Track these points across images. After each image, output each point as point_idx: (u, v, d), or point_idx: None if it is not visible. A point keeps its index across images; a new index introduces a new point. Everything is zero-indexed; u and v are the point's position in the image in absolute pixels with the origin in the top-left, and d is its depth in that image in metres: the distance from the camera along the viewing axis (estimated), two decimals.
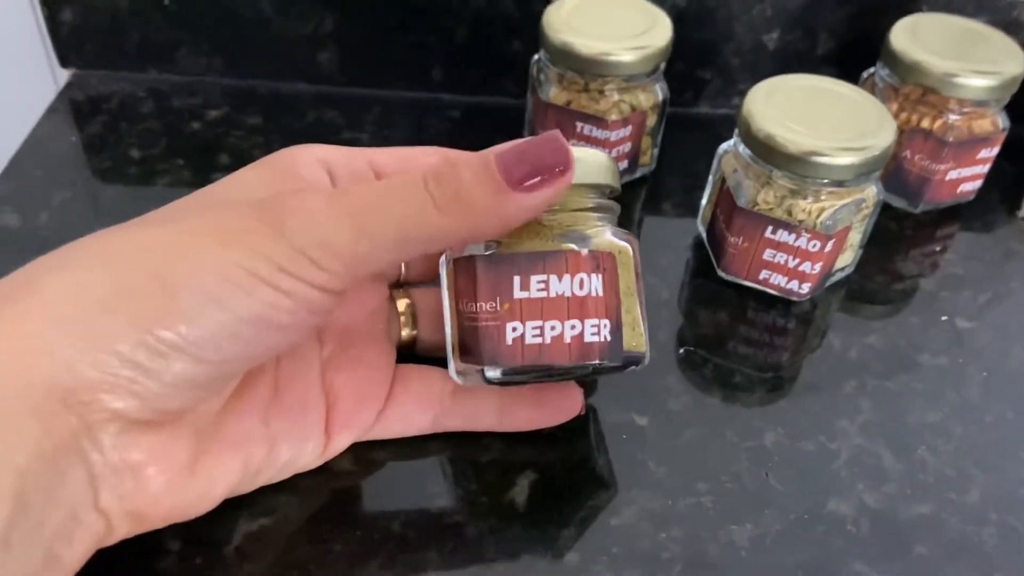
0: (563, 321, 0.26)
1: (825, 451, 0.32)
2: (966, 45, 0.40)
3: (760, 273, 0.37)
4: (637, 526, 0.29)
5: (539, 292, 0.25)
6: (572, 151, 0.24)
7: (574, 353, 0.26)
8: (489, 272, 0.26)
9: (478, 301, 0.26)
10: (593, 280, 0.26)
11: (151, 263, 0.22)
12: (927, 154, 0.40)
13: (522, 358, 0.26)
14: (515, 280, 0.26)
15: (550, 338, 0.26)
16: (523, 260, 0.26)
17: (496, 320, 0.26)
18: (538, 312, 0.26)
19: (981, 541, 0.30)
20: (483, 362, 0.26)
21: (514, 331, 0.26)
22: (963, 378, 0.35)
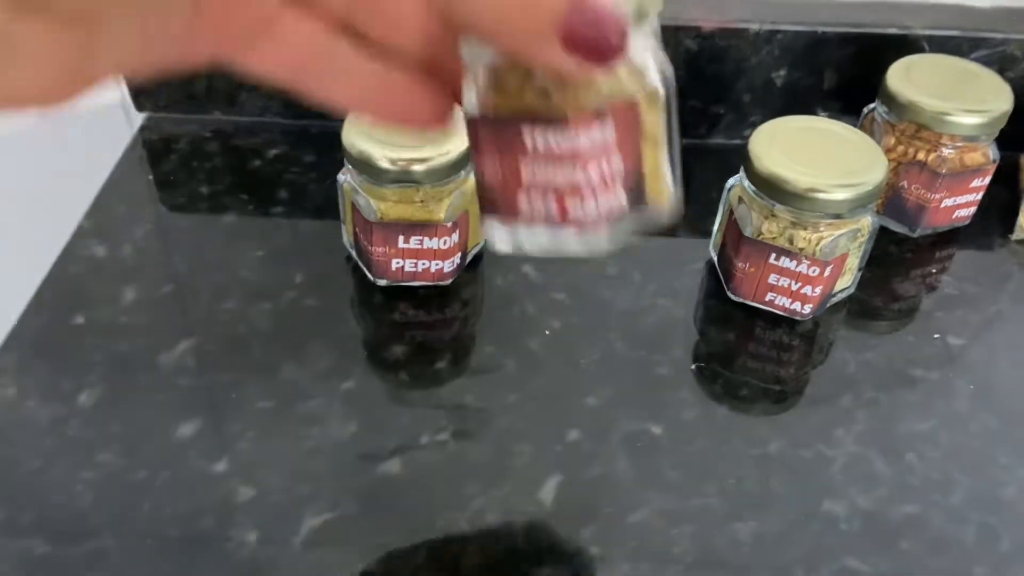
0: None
1: (822, 458, 0.36)
2: (957, 84, 0.43)
3: (766, 295, 0.41)
4: (652, 523, 0.33)
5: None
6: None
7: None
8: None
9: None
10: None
11: None
12: (922, 184, 0.44)
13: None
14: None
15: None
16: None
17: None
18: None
19: (962, 538, 0.33)
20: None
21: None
22: (952, 391, 0.39)
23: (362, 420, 0.36)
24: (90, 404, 0.36)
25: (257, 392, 0.37)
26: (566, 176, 0.23)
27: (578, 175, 0.23)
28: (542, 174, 0.23)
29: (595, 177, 0.23)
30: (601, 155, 0.23)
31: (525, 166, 0.24)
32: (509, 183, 0.24)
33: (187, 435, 0.35)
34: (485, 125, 0.24)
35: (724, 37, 0.48)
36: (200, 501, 0.33)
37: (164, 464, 0.34)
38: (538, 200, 0.24)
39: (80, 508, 0.33)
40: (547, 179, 0.23)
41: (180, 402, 0.36)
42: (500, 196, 0.24)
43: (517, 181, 0.24)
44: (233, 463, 0.34)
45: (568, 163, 0.23)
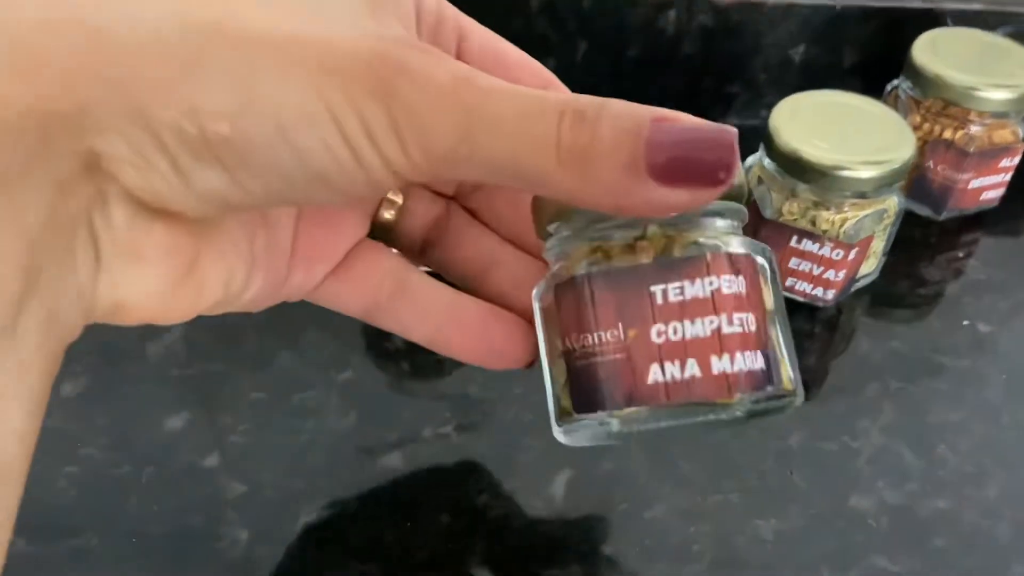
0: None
1: (847, 450, 0.34)
2: (986, 59, 0.41)
3: (786, 281, 0.39)
4: (668, 520, 0.31)
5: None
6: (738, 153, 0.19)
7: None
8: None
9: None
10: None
11: (235, 55, 0.17)
12: (949, 164, 0.42)
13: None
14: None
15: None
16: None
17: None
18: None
19: (996, 535, 0.31)
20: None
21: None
22: (983, 380, 0.37)
23: (361, 412, 0.34)
24: (74, 395, 0.34)
25: (250, 383, 0.35)
26: (708, 328, 0.20)
27: (722, 325, 0.20)
28: (677, 333, 0.20)
29: (738, 329, 0.20)
30: (740, 308, 0.20)
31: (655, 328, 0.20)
32: (636, 356, 0.20)
33: (176, 428, 0.33)
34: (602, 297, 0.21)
35: (739, 12, 0.46)
36: (189, 497, 0.31)
37: (151, 458, 0.32)
38: (674, 366, 0.20)
39: (63, 504, 0.31)
40: (683, 337, 0.20)
41: (169, 393, 0.34)
42: (624, 377, 0.20)
43: (647, 351, 0.20)
44: (224, 457, 0.32)
45: (709, 314, 0.20)
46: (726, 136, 0.18)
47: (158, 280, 0.20)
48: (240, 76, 0.17)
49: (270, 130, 0.18)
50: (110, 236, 0.18)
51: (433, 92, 0.18)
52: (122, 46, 0.17)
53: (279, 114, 0.17)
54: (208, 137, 0.17)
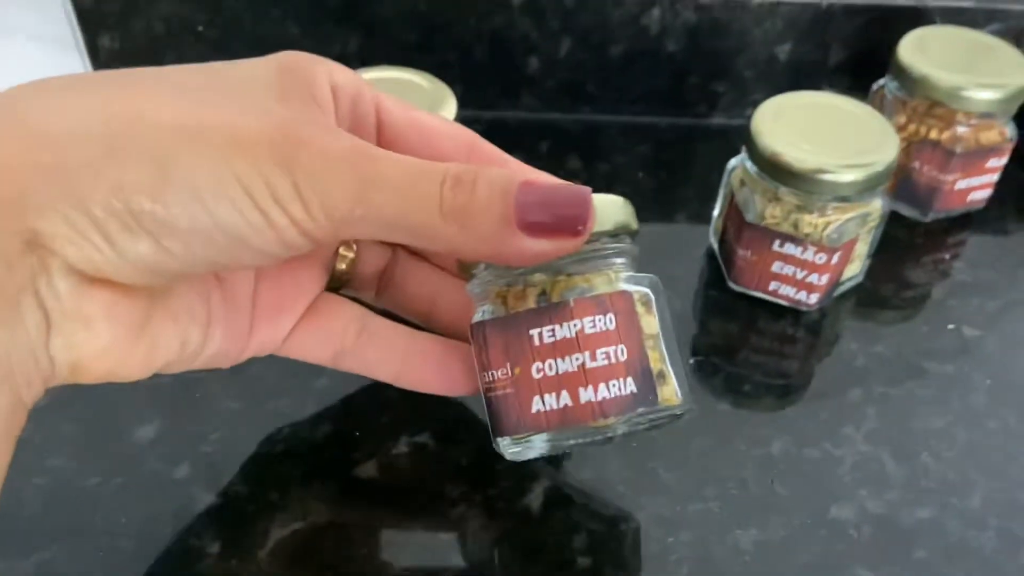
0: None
1: (830, 458, 0.33)
2: (973, 58, 0.41)
3: (769, 284, 0.38)
4: (646, 531, 0.31)
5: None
6: (593, 210, 0.22)
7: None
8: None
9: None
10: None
11: (153, 138, 0.20)
12: (935, 165, 0.41)
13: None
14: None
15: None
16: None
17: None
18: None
19: (980, 545, 0.31)
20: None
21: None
22: (968, 385, 0.36)
23: (336, 420, 0.34)
24: (42, 404, 0.33)
25: (223, 390, 0.34)
26: (575, 364, 0.24)
27: (586, 361, 0.24)
28: (552, 368, 0.24)
29: (603, 363, 0.24)
30: (606, 343, 0.24)
31: (535, 366, 0.25)
32: (521, 390, 0.25)
33: (146, 437, 0.33)
34: (492, 341, 0.25)
35: (724, 9, 0.45)
36: (158, 509, 0.30)
37: (120, 469, 0.32)
38: (551, 397, 0.24)
39: (29, 517, 0.30)
40: (557, 372, 0.24)
41: (139, 401, 0.34)
42: (513, 408, 0.25)
43: (529, 385, 0.25)
44: (195, 468, 0.32)
45: (575, 352, 0.24)
46: (582, 195, 0.22)
47: (109, 341, 0.22)
48: (158, 155, 0.20)
49: (187, 200, 0.20)
50: (57, 303, 0.21)
51: (331, 161, 0.21)
52: (54, 137, 0.20)
53: (195, 186, 0.20)
54: (134, 210, 0.20)
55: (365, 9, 0.46)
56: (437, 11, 0.46)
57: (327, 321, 0.29)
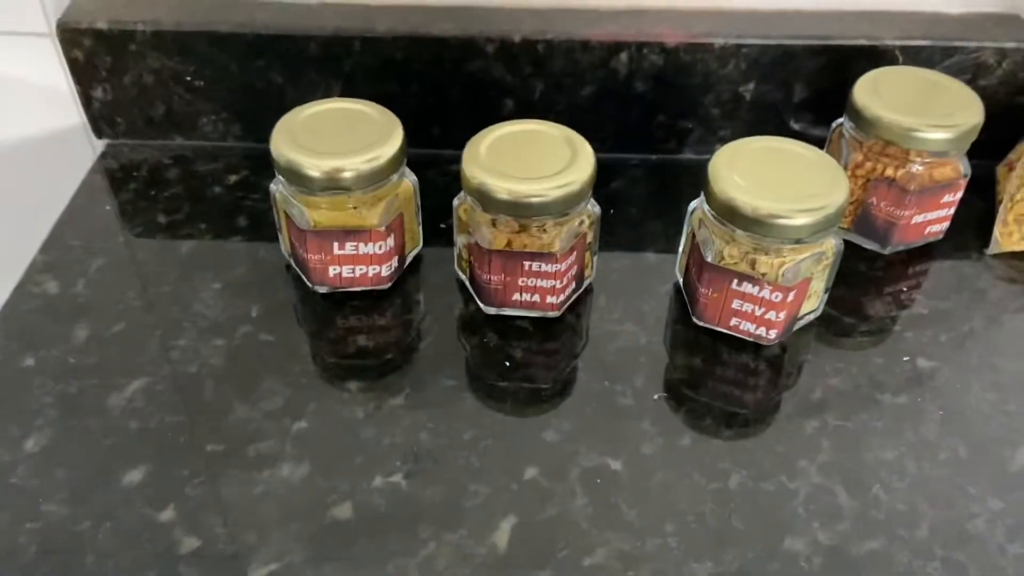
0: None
1: (784, 491, 0.35)
2: (926, 98, 0.42)
3: (731, 320, 0.40)
4: (609, 566, 0.33)
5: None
6: None
7: None
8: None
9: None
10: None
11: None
12: (891, 201, 0.43)
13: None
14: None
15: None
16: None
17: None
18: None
19: (927, 575, 0.33)
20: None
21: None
22: (921, 416, 0.38)
23: (314, 462, 0.35)
24: (37, 450, 0.36)
25: (207, 434, 0.36)
26: (551, 284, 0.39)
27: (557, 283, 0.39)
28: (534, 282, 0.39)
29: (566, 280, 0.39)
30: (569, 269, 0.39)
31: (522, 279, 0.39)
32: (510, 287, 0.40)
33: (134, 482, 0.34)
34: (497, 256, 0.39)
35: (689, 52, 0.47)
36: (143, 552, 0.32)
37: (109, 513, 0.33)
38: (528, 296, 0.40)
39: (24, 561, 0.32)
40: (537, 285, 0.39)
41: (128, 447, 0.36)
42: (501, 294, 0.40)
43: (516, 287, 0.39)
44: (179, 511, 0.34)
45: (553, 278, 0.39)
46: None
47: None
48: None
49: None
50: None
51: None
52: None
53: None
54: None
55: (345, 58, 0.48)
56: (414, 58, 0.48)
57: None
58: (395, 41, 0.47)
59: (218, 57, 0.48)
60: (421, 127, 0.50)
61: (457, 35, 0.47)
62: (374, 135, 0.40)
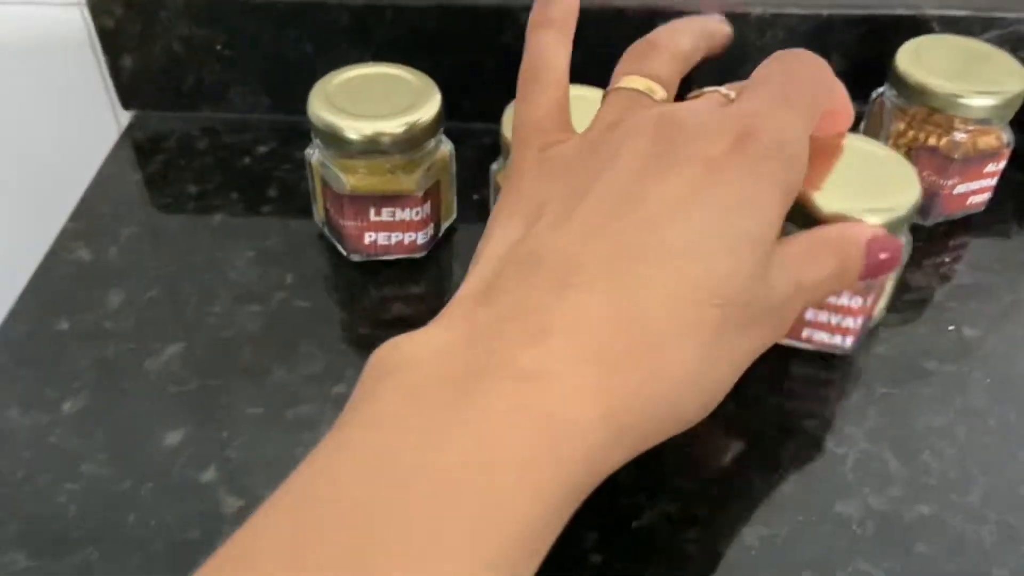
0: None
1: (833, 456, 0.34)
2: (969, 65, 0.42)
3: (803, 332, 0.38)
4: (657, 528, 0.32)
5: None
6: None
7: None
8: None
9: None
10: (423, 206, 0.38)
11: None
12: (934, 170, 0.42)
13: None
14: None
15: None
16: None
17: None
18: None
19: (980, 539, 0.32)
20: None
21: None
22: (968, 384, 0.37)
23: None
24: (74, 412, 0.35)
25: (246, 397, 0.36)
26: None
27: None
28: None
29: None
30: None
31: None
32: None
33: (174, 443, 0.34)
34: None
35: (726, 21, 0.46)
36: (187, 512, 0.32)
37: (150, 474, 0.33)
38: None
39: (64, 520, 0.32)
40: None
41: (167, 409, 0.35)
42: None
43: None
44: (221, 472, 0.33)
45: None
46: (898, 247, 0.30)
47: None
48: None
49: None
50: None
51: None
52: None
53: None
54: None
55: (377, 28, 0.47)
56: (447, 28, 0.47)
57: None
58: (427, 11, 0.47)
59: (249, 27, 0.48)
60: (453, 98, 0.50)
61: (490, 4, 0.46)
62: (412, 98, 0.40)
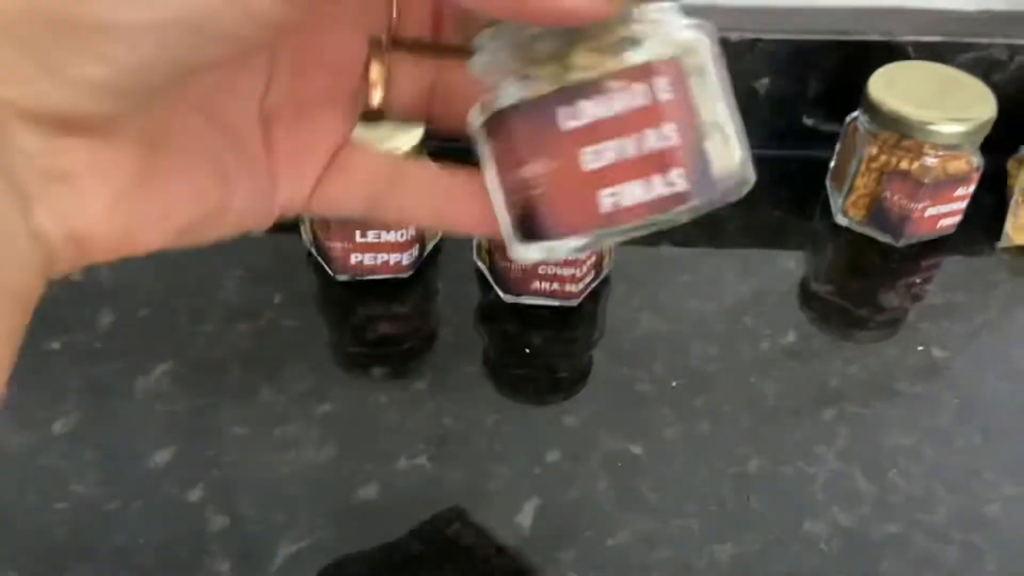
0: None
1: (803, 475, 0.36)
2: (941, 92, 0.43)
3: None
4: (631, 547, 0.33)
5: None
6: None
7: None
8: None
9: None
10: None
11: None
12: (905, 193, 0.43)
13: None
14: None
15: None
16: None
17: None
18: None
19: (945, 558, 0.33)
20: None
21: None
22: (937, 405, 0.38)
23: (339, 444, 0.36)
24: (65, 432, 0.36)
25: (233, 416, 0.37)
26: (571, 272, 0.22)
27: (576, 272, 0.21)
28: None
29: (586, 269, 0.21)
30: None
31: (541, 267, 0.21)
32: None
33: (162, 462, 0.35)
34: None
35: None
36: (174, 531, 0.33)
37: (138, 493, 0.34)
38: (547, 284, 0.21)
39: (54, 539, 0.33)
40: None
41: (155, 428, 0.36)
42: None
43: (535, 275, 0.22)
44: (208, 490, 0.34)
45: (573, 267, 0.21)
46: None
47: (101, 199, 0.19)
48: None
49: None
50: (26, 163, 0.18)
51: None
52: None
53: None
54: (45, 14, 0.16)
55: None
56: None
57: (355, 169, 0.25)
58: None
59: None
60: None
61: None
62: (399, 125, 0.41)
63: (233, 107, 0.22)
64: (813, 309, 0.43)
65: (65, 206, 0.18)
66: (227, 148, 0.22)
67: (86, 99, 0.17)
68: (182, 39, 0.17)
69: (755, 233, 0.47)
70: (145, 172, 0.19)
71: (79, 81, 0.17)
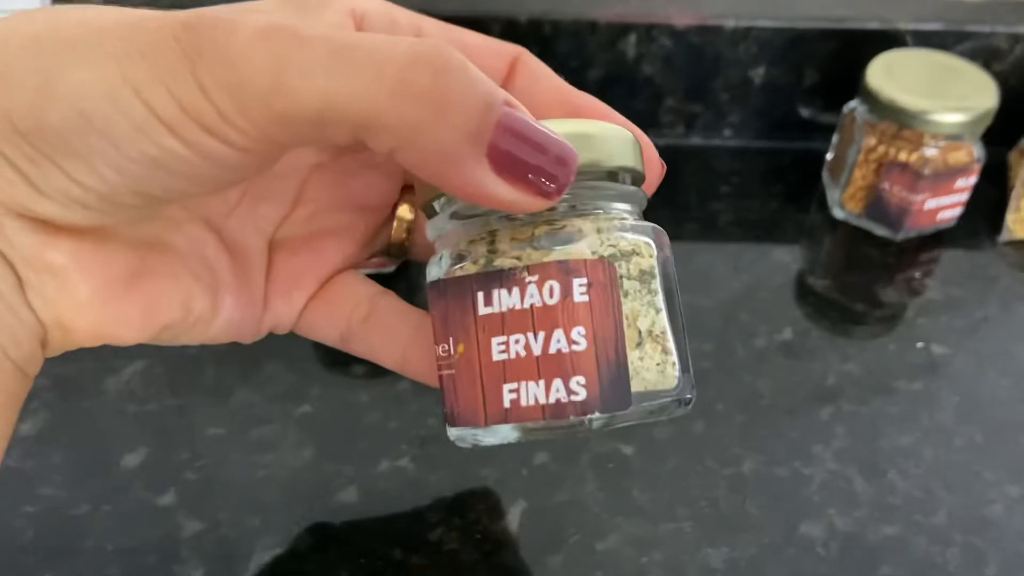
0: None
1: (799, 476, 0.34)
2: (940, 81, 0.42)
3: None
4: (621, 551, 0.32)
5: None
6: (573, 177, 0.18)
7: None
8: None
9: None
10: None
11: (42, 57, 0.17)
12: (905, 185, 0.42)
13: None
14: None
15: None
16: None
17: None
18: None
19: (945, 561, 0.32)
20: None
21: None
22: (936, 402, 0.37)
23: (318, 446, 0.35)
24: (33, 433, 0.35)
25: (208, 417, 0.35)
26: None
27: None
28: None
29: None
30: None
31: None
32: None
33: (132, 465, 0.34)
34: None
35: (699, 34, 0.46)
36: (144, 536, 0.31)
37: (107, 497, 0.32)
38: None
39: (21, 544, 0.31)
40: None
41: (126, 429, 0.35)
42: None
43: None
44: (180, 495, 0.33)
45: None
46: (570, 155, 0.18)
47: (89, 294, 0.20)
48: (43, 72, 0.17)
49: (73, 117, 0.17)
50: (18, 254, 0.19)
51: (241, 45, 0.17)
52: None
53: (81, 102, 0.17)
54: (22, 132, 0.17)
55: None
56: None
57: (341, 298, 0.25)
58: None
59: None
60: None
61: (462, 14, 0.46)
62: None
63: (247, 231, 0.24)
64: (809, 305, 0.42)
65: (51, 294, 0.20)
66: (227, 266, 0.23)
67: (68, 211, 0.18)
68: (147, 175, 0.18)
69: (749, 227, 0.45)
70: (134, 272, 0.21)
71: (59, 194, 0.18)
